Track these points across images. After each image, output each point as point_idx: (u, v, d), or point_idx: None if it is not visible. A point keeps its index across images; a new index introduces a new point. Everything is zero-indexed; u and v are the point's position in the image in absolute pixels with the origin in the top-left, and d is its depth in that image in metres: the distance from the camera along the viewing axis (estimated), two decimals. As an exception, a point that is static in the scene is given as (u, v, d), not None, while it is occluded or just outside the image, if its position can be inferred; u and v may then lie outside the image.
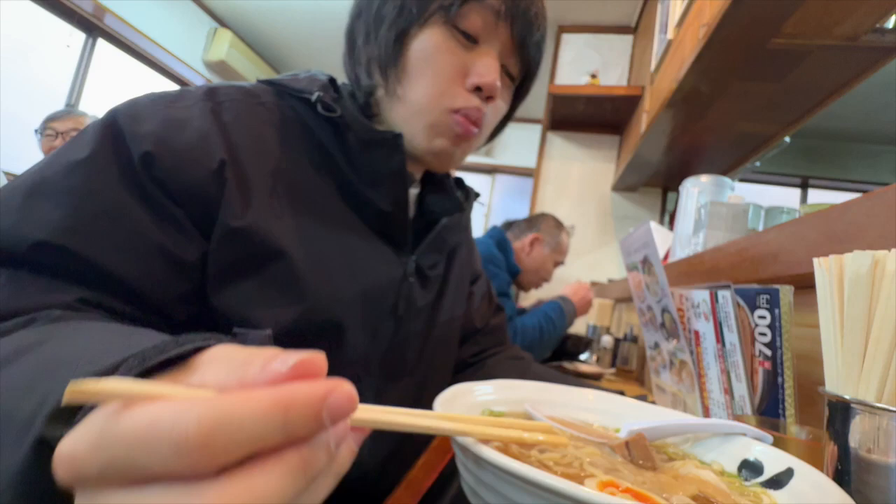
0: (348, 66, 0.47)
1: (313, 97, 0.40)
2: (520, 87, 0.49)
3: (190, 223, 0.35)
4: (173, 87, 3.00)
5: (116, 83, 2.72)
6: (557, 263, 1.52)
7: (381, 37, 0.42)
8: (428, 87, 0.42)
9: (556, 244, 1.47)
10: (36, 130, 1.73)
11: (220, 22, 3.20)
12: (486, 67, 0.42)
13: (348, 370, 0.41)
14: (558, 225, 1.52)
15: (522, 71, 0.47)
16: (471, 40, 0.42)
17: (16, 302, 0.27)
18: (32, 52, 2.32)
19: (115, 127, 0.33)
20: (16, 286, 0.28)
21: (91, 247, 0.30)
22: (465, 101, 0.42)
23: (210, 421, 0.12)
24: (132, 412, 0.13)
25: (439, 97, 0.42)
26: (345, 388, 0.14)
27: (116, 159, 0.33)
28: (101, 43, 2.60)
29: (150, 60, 2.84)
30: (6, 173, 1.79)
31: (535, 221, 1.51)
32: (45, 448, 0.17)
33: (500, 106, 0.47)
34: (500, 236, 1.36)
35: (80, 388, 0.13)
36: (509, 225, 1.56)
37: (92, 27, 2.52)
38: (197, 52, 3.12)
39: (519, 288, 1.50)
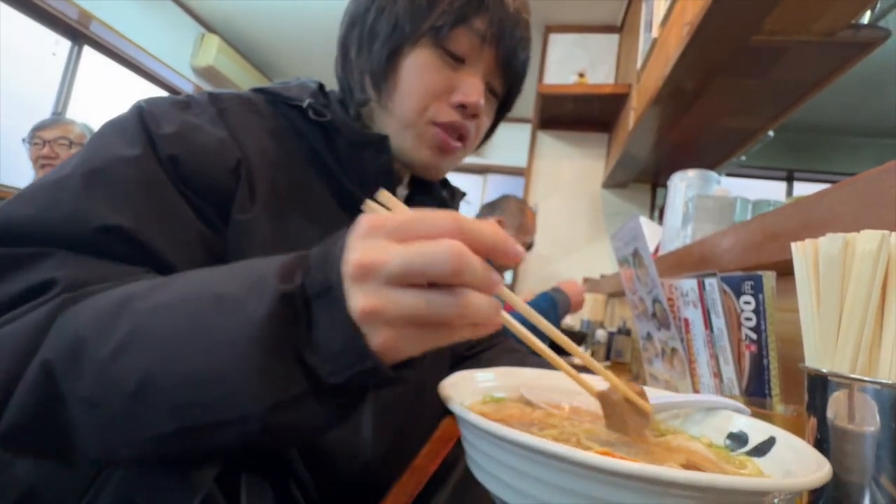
0: (341, 75, 0.49)
1: (304, 104, 0.42)
2: (503, 102, 0.52)
3: (216, 217, 0.37)
4: (162, 93, 3.00)
5: (103, 90, 2.69)
6: (526, 244, 1.51)
7: (374, 52, 0.44)
8: (415, 101, 0.44)
9: (520, 225, 1.47)
10: (24, 140, 1.72)
11: (208, 27, 3.19)
12: (471, 87, 0.44)
13: None
14: (521, 206, 1.51)
15: (506, 89, 0.50)
16: (458, 60, 0.44)
17: (86, 275, 0.28)
18: (18, 61, 2.29)
19: (145, 126, 0.35)
20: (81, 263, 0.29)
21: (150, 235, 0.32)
22: (448, 116, 0.45)
23: (464, 228, 0.22)
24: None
25: (424, 111, 0.44)
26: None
27: (155, 157, 0.35)
28: (87, 50, 2.58)
29: (137, 67, 2.82)
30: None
31: (496, 205, 1.52)
32: (285, 301, 0.23)
33: (485, 121, 0.50)
34: None
35: (372, 205, 0.26)
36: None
37: (77, 35, 2.49)
38: (185, 57, 3.11)
39: None
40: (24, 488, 0.30)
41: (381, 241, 0.22)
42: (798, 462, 0.22)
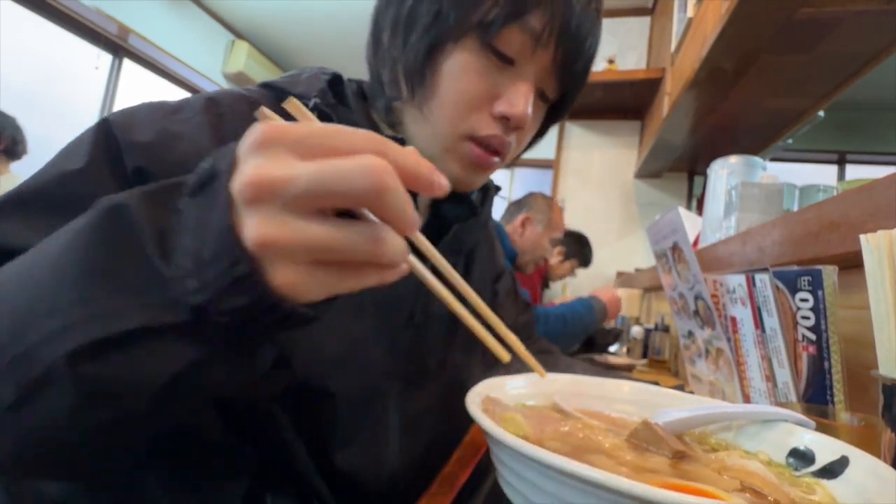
0: (371, 60, 0.44)
1: (311, 104, 0.38)
2: (556, 108, 0.45)
3: None
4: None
5: (143, 100, 2.81)
6: (554, 241, 1.54)
7: (410, 44, 0.38)
8: (451, 112, 0.39)
9: (548, 221, 1.48)
10: (71, 150, 1.82)
11: (237, 34, 3.28)
12: (518, 95, 0.38)
13: (370, 383, 0.40)
14: (548, 202, 1.52)
15: (561, 94, 0.43)
16: (506, 61, 0.38)
17: None
18: (64, 76, 2.43)
19: (109, 136, 0.32)
20: None
21: None
22: (487, 129, 0.39)
23: (385, 145, 0.18)
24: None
25: (459, 122, 0.39)
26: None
27: (112, 169, 0.31)
28: (127, 63, 2.70)
29: (172, 76, 2.94)
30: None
31: (524, 202, 1.53)
32: (114, 209, 0.19)
33: (528, 134, 0.44)
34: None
35: (267, 113, 0.21)
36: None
37: (117, 48, 2.61)
38: (216, 64, 3.21)
39: (519, 270, 1.51)
40: None
41: (283, 154, 0.18)
42: (879, 490, 0.19)
